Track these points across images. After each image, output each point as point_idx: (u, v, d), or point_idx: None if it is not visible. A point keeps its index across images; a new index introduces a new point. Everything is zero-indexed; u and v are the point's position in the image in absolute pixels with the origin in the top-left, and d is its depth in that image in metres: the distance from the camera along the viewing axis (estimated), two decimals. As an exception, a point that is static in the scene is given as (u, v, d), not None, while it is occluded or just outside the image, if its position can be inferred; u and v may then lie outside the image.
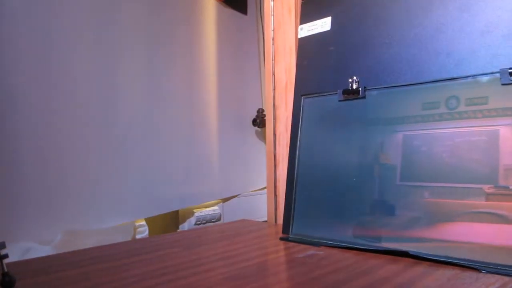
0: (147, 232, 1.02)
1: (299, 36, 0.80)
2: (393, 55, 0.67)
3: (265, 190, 1.39)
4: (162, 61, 1.06)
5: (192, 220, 1.18)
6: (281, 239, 0.71)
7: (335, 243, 0.65)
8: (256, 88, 1.40)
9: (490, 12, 0.58)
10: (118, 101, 0.96)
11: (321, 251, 0.62)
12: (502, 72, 0.55)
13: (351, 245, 0.63)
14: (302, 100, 0.76)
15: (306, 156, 0.74)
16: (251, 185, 1.37)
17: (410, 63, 0.65)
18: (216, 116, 1.24)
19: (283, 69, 0.86)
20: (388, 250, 0.60)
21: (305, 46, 0.79)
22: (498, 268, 0.50)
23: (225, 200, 1.28)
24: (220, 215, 1.25)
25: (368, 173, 0.68)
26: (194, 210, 1.19)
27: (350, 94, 0.69)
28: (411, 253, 0.58)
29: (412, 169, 0.65)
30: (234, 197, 1.30)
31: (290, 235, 0.72)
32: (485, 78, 0.57)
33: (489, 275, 0.49)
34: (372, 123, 0.68)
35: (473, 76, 0.58)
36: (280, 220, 0.85)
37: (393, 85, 0.66)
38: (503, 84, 0.55)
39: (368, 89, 0.68)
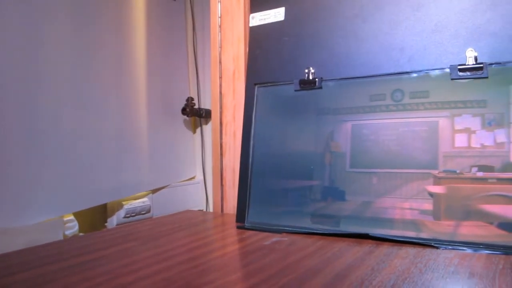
0: (77, 228, 0.95)
1: (250, 25, 0.80)
2: (348, 49, 0.70)
3: (194, 180, 1.37)
4: (88, 48, 0.98)
5: (121, 213, 1.12)
6: (239, 227, 0.71)
7: (296, 229, 0.67)
8: (184, 76, 1.36)
9: (440, 12, 0.64)
10: (41, 90, 0.87)
11: (285, 238, 0.64)
12: (452, 68, 0.61)
13: (312, 231, 0.65)
14: (255, 89, 0.76)
15: (260, 145, 0.74)
16: (180, 175, 1.34)
17: (365, 57, 0.68)
18: (145, 105, 1.19)
19: (230, 57, 0.85)
20: (349, 233, 0.63)
21: (257, 35, 0.79)
22: (452, 244, 0.56)
23: (154, 191, 1.23)
24: (150, 207, 1.21)
25: (321, 161, 0.71)
26: (123, 203, 1.13)
27: (307, 84, 0.71)
28: (371, 234, 0.61)
29: (360, 157, 0.69)
30: (163, 188, 1.26)
31: (246, 224, 0.72)
32: (435, 73, 0.63)
33: (447, 250, 0.54)
34: (326, 112, 0.71)
35: (426, 71, 0.63)
36: (227, 210, 0.85)
37: (348, 77, 0.69)
38: (452, 79, 0.61)
39: (324, 80, 0.71)
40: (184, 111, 1.29)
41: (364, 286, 0.42)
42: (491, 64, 0.59)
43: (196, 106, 1.31)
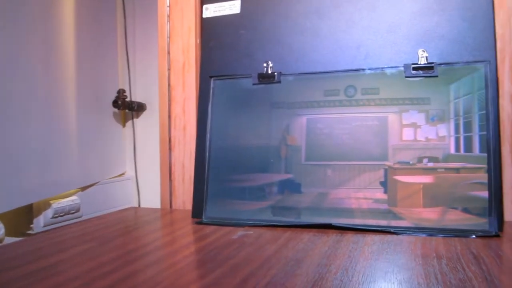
0: (3, 231, 0.85)
1: (204, 16, 0.78)
2: (306, 44, 0.71)
3: (124, 177, 1.30)
4: (13, 36, 0.89)
5: (49, 212, 1.03)
6: (198, 223, 0.69)
7: (259, 222, 0.67)
8: (114, 67, 1.28)
9: (393, 14, 0.68)
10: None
11: (250, 231, 0.64)
12: (406, 66, 0.66)
13: (277, 223, 0.66)
14: (211, 82, 0.75)
15: (217, 138, 0.73)
16: (110, 171, 1.26)
17: (323, 53, 0.70)
18: (73, 99, 1.10)
19: (180, 48, 0.82)
20: (313, 224, 0.65)
21: (211, 27, 0.77)
22: (409, 230, 0.60)
23: (83, 189, 1.15)
24: (80, 205, 1.13)
25: (278, 154, 0.72)
26: (51, 202, 1.04)
27: (266, 78, 0.72)
28: (334, 224, 0.64)
29: (315, 150, 0.72)
30: (92, 185, 1.18)
31: (204, 219, 0.71)
32: (390, 71, 0.67)
33: (406, 236, 0.59)
34: (283, 106, 0.72)
35: (381, 68, 0.67)
36: (177, 206, 0.82)
37: (307, 72, 0.71)
38: (406, 77, 0.66)
39: (283, 75, 0.72)
40: (115, 103, 1.22)
41: (349, 273, 0.44)
42: (440, 64, 0.64)
43: (128, 99, 1.25)
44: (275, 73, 0.71)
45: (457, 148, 0.66)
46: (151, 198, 1.16)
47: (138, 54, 1.27)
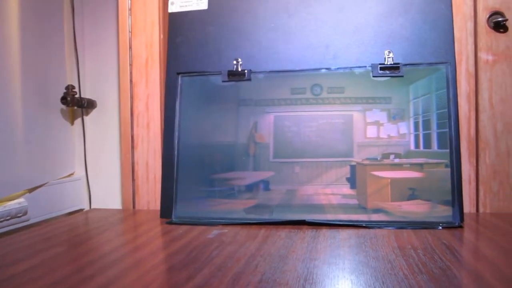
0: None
1: (169, 11, 0.76)
2: (275, 42, 0.72)
3: (74, 177, 1.24)
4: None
5: (-6, 217, 0.96)
6: (169, 223, 0.68)
7: (233, 220, 0.67)
8: (62, 62, 1.21)
9: (360, 16, 0.70)
10: None
11: (225, 229, 0.63)
12: (373, 66, 0.68)
13: (251, 221, 0.66)
14: (179, 78, 0.73)
15: (186, 136, 0.72)
16: (59, 171, 1.20)
17: (293, 51, 0.71)
18: (19, 95, 1.03)
19: (143, 43, 0.80)
20: (287, 220, 0.65)
21: (177, 22, 0.75)
22: (380, 224, 0.63)
23: (31, 190, 1.08)
24: (27, 208, 1.06)
25: (246, 152, 0.72)
26: (-4, 205, 0.97)
27: (236, 76, 0.71)
28: (307, 220, 0.65)
29: (283, 147, 0.73)
30: (40, 186, 1.11)
31: (174, 219, 0.69)
32: (358, 71, 0.69)
33: (378, 229, 0.61)
34: (253, 104, 0.72)
35: (350, 68, 0.69)
36: (140, 206, 0.80)
37: (276, 70, 0.71)
38: (374, 77, 0.68)
39: (253, 72, 0.72)
40: (63, 100, 1.16)
41: (337, 267, 0.45)
42: (405, 64, 0.67)
43: (78, 96, 1.19)
44: (246, 71, 0.71)
45: (417, 145, 0.69)
46: (104, 199, 1.11)
47: (88, 50, 1.21)
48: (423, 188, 0.65)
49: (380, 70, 0.67)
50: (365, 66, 0.69)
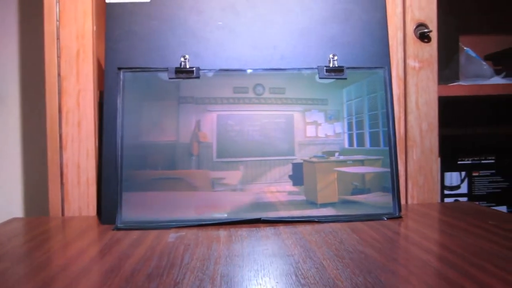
0: None
1: (107, 1, 0.71)
2: (224, 41, 0.71)
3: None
4: None
5: None
6: (116, 229, 0.63)
7: (187, 223, 0.65)
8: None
9: (306, 19, 0.73)
10: None
11: (182, 232, 0.61)
12: (319, 68, 0.71)
13: (206, 222, 0.65)
14: (121, 74, 0.69)
15: (130, 135, 0.68)
16: None
17: (240, 50, 0.71)
18: None
19: (73, 34, 0.73)
20: (243, 219, 0.65)
21: (116, 14, 0.70)
22: (332, 218, 0.66)
23: None
24: None
25: (190, 151, 0.71)
26: None
27: (184, 73, 0.69)
28: (263, 218, 0.66)
29: (227, 147, 0.73)
30: None
31: (119, 224, 0.65)
32: (306, 72, 0.72)
33: (330, 223, 0.64)
34: (198, 102, 0.70)
35: (298, 69, 0.72)
36: (70, 212, 0.73)
37: (225, 68, 0.71)
38: (321, 78, 0.71)
39: (201, 70, 0.70)
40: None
41: (316, 261, 0.46)
42: (348, 68, 0.72)
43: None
44: (194, 68, 0.69)
45: (351, 143, 0.74)
46: (4, 206, 0.99)
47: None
48: (366, 183, 0.70)
49: (326, 72, 0.71)
50: (313, 68, 0.71)
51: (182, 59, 0.69)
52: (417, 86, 0.76)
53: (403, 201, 0.76)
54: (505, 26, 1.05)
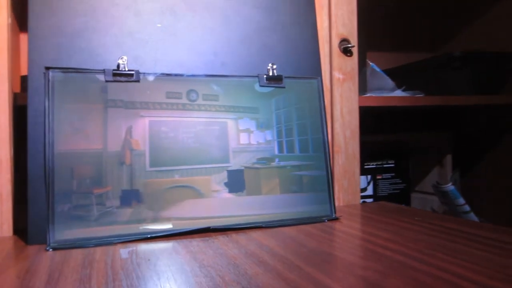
0: None
1: (29, -9, 0.62)
2: (164, 44, 0.68)
3: None
4: None
5: None
6: (53, 249, 0.56)
7: (133, 237, 0.60)
8: None
9: (245, 27, 0.74)
10: None
11: (132, 247, 0.57)
12: (260, 77, 0.72)
13: (153, 234, 0.61)
14: (49, 74, 0.61)
15: (62, 143, 0.61)
16: None
17: (181, 55, 0.69)
18: None
19: (-17, 26, 0.63)
20: (193, 229, 0.63)
21: (38, 7, 0.63)
22: (276, 222, 0.68)
23: None
24: None
25: (122, 161, 0.67)
26: None
27: (123, 76, 0.64)
28: (212, 227, 0.64)
29: (160, 154, 0.70)
30: None
31: (52, 243, 0.57)
32: (246, 80, 0.72)
33: (275, 227, 0.66)
34: (129, 106, 0.67)
35: (239, 76, 0.72)
36: (-21, 234, 0.62)
37: (166, 73, 0.68)
38: (261, 86, 0.73)
39: (142, 73, 0.66)
40: None
41: (289, 263, 0.47)
42: (286, 77, 0.74)
43: None
44: (133, 71, 0.65)
45: (280, 150, 0.77)
46: None
47: None
48: (304, 187, 0.73)
49: (266, 80, 0.72)
50: (254, 76, 0.72)
51: (120, 61, 0.65)
52: (341, 97, 0.82)
53: (331, 204, 0.81)
54: (404, 44, 1.20)
